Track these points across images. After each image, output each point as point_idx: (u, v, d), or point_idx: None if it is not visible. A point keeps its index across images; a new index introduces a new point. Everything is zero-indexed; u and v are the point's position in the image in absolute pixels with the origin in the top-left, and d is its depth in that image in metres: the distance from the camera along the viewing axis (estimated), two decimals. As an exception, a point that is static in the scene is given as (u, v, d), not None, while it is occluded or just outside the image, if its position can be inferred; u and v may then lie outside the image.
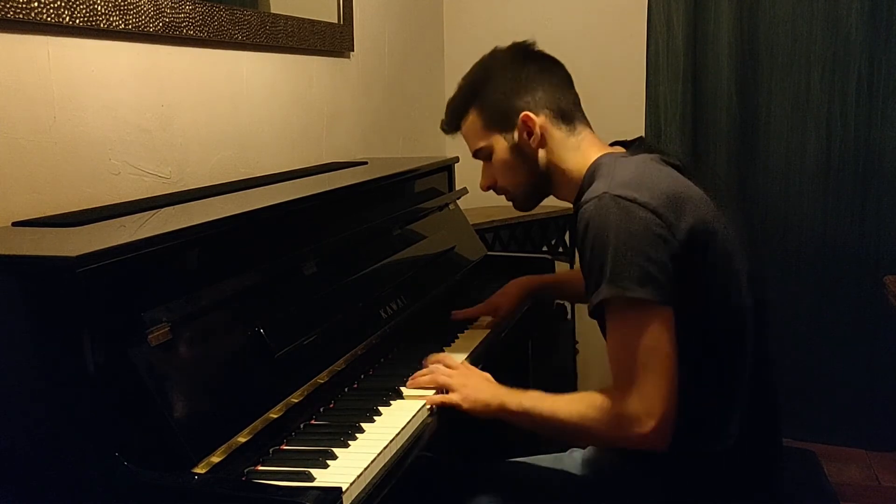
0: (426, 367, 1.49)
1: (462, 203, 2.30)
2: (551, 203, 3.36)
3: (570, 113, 1.46)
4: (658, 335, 1.23)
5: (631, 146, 1.46)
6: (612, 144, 1.49)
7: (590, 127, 1.49)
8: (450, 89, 1.53)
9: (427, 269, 1.89)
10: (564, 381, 2.91)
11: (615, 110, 2.98)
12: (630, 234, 1.22)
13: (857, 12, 2.64)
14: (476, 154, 1.52)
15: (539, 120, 1.43)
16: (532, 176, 1.47)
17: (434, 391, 1.42)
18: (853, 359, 2.79)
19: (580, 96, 1.51)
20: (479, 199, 2.84)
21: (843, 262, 2.77)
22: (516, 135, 1.45)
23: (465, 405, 1.38)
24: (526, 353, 2.27)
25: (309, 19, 2.18)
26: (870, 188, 2.73)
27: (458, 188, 2.31)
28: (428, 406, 1.38)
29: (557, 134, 1.45)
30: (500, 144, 1.47)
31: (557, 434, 1.36)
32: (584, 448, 1.51)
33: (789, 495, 1.40)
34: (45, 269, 1.05)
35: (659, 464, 1.36)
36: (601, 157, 1.42)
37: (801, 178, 2.79)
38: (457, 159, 2.33)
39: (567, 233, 2.98)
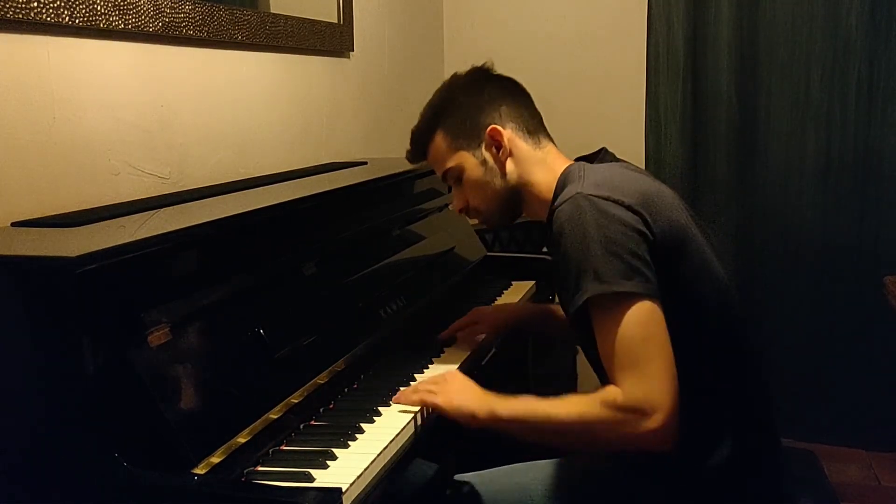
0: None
1: (462, 203, 2.30)
2: (551, 203, 3.32)
3: (534, 128, 1.47)
4: (651, 326, 1.20)
5: (595, 158, 1.46)
6: (576, 160, 1.47)
7: (553, 143, 1.49)
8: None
9: (427, 270, 1.88)
10: (564, 382, 2.91)
11: (615, 110, 2.98)
12: (609, 229, 1.20)
13: (856, 13, 2.64)
14: (445, 176, 1.50)
15: (506, 132, 1.44)
16: (503, 191, 1.46)
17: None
18: (853, 359, 2.79)
19: (580, 96, 1.51)
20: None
21: (842, 262, 2.77)
22: (484, 149, 1.45)
23: (449, 410, 1.32)
24: (525, 354, 2.27)
25: (309, 19, 2.18)
26: (869, 188, 2.73)
27: (457, 188, 2.31)
28: (410, 414, 1.32)
29: (524, 147, 1.45)
30: (469, 161, 1.46)
31: (556, 439, 1.29)
32: (583, 455, 1.51)
33: (789, 495, 1.40)
34: (45, 269, 1.05)
35: (657, 467, 1.36)
36: (568, 167, 1.42)
37: (800, 179, 2.79)
38: (457, 159, 2.32)
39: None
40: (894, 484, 2.61)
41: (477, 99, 1.46)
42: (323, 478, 1.12)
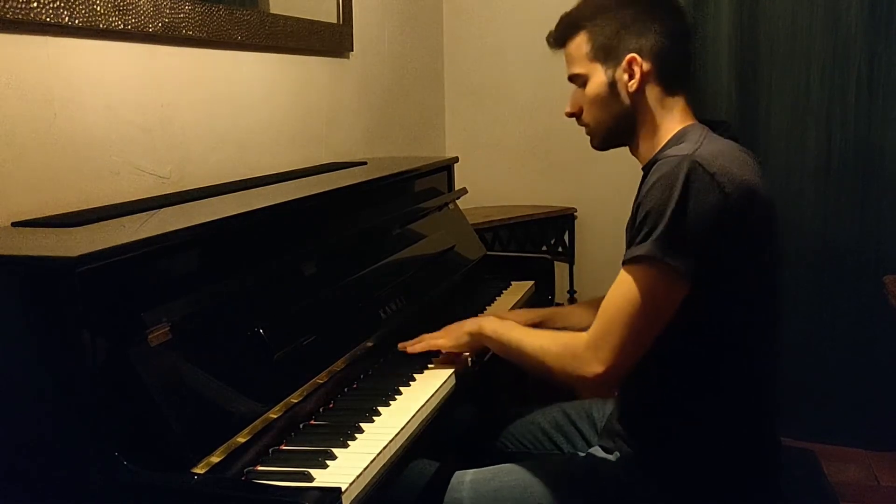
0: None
1: (462, 203, 2.30)
2: (551, 203, 3.35)
3: (675, 72, 1.43)
4: (663, 304, 1.26)
5: (719, 128, 1.44)
6: (699, 121, 1.47)
7: (688, 94, 1.46)
8: (450, 89, 1.53)
9: (427, 269, 1.88)
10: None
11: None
12: (695, 206, 1.22)
13: (856, 9, 2.64)
14: (571, 78, 1.47)
15: (645, 66, 1.40)
16: (618, 119, 1.44)
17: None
18: (853, 359, 2.79)
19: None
20: (478, 199, 2.83)
21: (843, 261, 2.77)
22: (617, 73, 1.41)
23: (450, 342, 1.54)
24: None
25: (308, 19, 2.18)
26: (870, 187, 2.72)
27: (457, 188, 2.31)
28: (408, 350, 1.56)
29: (656, 88, 1.42)
30: (599, 77, 1.42)
31: (520, 362, 1.44)
32: (583, 452, 1.51)
33: (789, 495, 1.40)
34: (45, 269, 1.05)
35: (659, 464, 1.36)
36: (691, 125, 1.42)
37: (800, 177, 2.78)
38: (456, 159, 2.32)
39: (566, 233, 2.98)
40: (894, 484, 2.61)
41: (634, 20, 1.40)
42: (322, 477, 1.12)
